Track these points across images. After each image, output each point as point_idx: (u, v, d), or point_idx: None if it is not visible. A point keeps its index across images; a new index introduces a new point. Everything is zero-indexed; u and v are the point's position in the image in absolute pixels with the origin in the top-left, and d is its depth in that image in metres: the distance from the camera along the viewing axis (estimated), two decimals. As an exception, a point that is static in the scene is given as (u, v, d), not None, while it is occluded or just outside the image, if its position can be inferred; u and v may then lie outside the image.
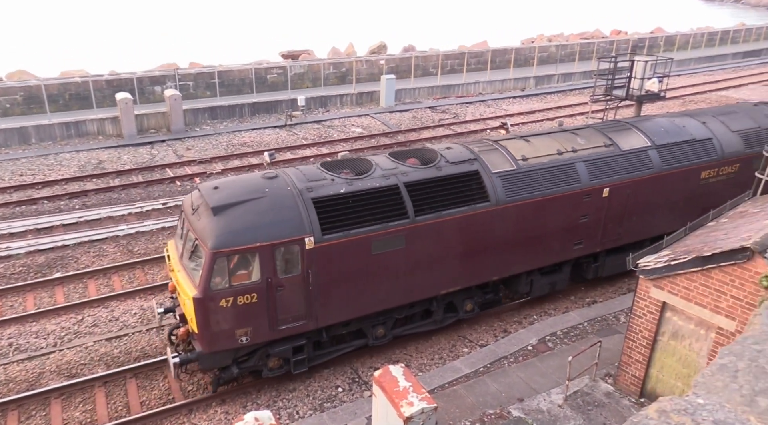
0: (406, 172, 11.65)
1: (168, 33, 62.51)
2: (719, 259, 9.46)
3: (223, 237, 9.88)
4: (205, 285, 9.87)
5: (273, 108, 29.37)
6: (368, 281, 11.27)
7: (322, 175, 11.15)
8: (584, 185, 13.36)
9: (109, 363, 12.39)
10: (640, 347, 11.00)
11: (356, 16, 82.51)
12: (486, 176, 12.29)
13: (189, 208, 10.91)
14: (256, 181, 10.86)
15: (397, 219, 11.15)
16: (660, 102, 22.73)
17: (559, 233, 13.43)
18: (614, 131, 14.90)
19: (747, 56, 47.69)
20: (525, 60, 38.52)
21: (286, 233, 10.19)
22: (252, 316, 10.33)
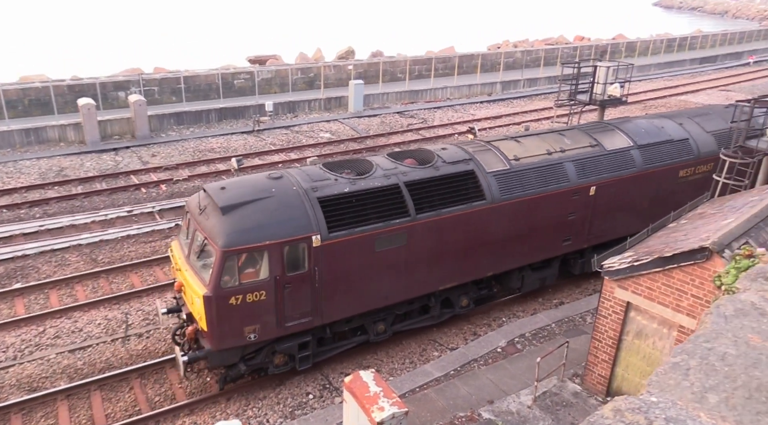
0: (405, 172, 12.03)
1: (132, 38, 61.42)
2: (680, 259, 9.73)
3: (233, 236, 10.08)
4: (215, 283, 10.02)
5: (240, 113, 29.10)
6: (371, 277, 11.59)
7: (326, 175, 11.45)
8: (572, 183, 13.91)
9: (72, 375, 12.06)
10: (606, 346, 11.23)
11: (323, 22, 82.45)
12: (481, 176, 12.74)
13: (195, 208, 11.04)
14: (262, 181, 11.09)
15: (398, 217, 11.52)
16: (622, 106, 23.30)
17: (549, 230, 13.94)
18: (598, 131, 15.46)
19: (704, 62, 49.25)
20: (491, 65, 39.04)
21: (293, 232, 10.45)
22: (260, 313, 10.52)
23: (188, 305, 11.08)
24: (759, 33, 59.03)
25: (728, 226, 9.94)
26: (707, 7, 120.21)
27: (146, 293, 14.85)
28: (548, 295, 15.52)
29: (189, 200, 11.65)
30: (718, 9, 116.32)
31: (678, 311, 9.99)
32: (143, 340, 13.20)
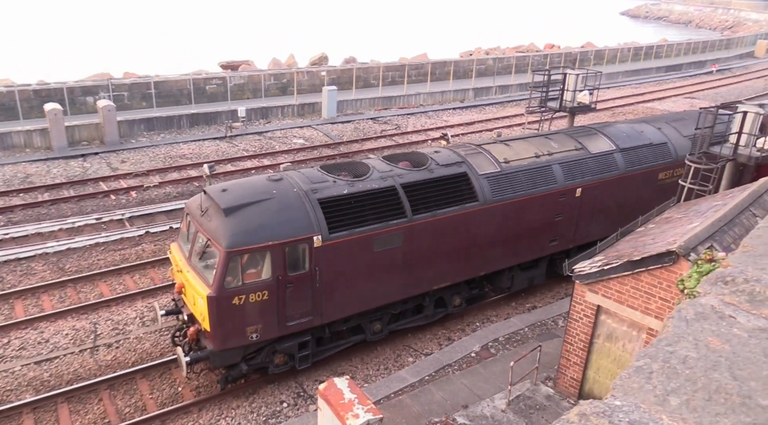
0: (401, 174, 12.35)
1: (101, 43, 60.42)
2: (648, 263, 9.95)
3: (236, 237, 10.23)
4: (219, 284, 10.15)
5: (212, 119, 28.82)
6: (369, 277, 11.86)
7: (324, 177, 11.70)
8: (560, 185, 14.39)
9: (38, 387, 11.75)
10: (578, 350, 11.40)
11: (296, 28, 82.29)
12: (474, 178, 13.12)
13: (197, 210, 11.15)
14: (262, 183, 11.29)
15: (396, 218, 11.82)
16: (591, 113, 23.75)
17: (538, 231, 14.40)
18: (583, 135, 16.01)
19: (669, 70, 50.53)
20: (464, 72, 39.42)
21: (295, 232, 10.66)
22: (262, 313, 10.67)
23: (189, 306, 11.18)
24: (721, 42, 60.86)
25: (694, 230, 10.20)
26: (672, 17, 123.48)
27: (115, 303, 14.56)
28: (521, 299, 15.69)
29: (189, 203, 11.77)
30: (682, 19, 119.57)
31: (647, 313, 10.20)
32: (113, 350, 12.94)
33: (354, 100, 33.11)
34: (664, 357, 1.60)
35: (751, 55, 61.31)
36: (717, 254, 6.94)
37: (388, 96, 34.42)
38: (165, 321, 12.26)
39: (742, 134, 15.42)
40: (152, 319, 13.79)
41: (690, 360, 1.60)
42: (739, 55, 59.83)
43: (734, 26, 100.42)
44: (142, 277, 15.81)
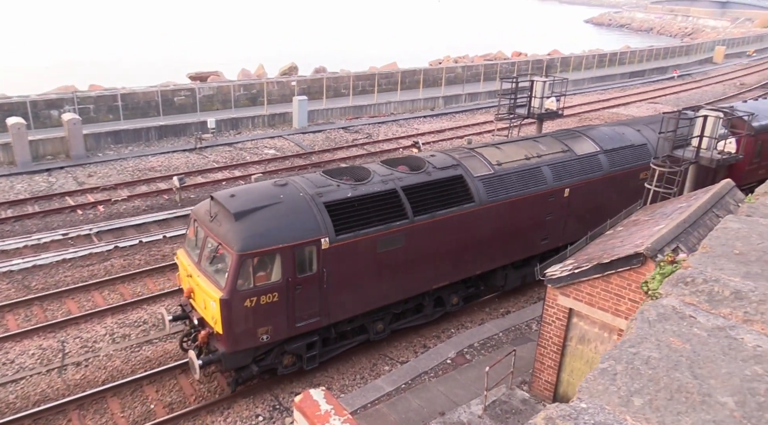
0: (401, 177, 12.79)
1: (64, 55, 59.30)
2: (617, 265, 10.15)
3: (248, 240, 10.49)
4: (231, 287, 10.37)
5: (182, 131, 28.47)
6: (373, 278, 12.21)
7: (328, 181, 12.06)
8: (549, 186, 14.98)
9: (3, 410, 11.38)
10: (551, 353, 11.53)
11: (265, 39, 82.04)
12: (469, 180, 13.61)
13: (205, 215, 11.39)
14: (269, 188, 11.61)
15: (398, 220, 12.22)
16: (559, 119, 24.17)
17: (530, 230, 14.94)
18: (568, 138, 16.65)
19: (633, 76, 51.77)
20: (433, 81, 39.75)
21: (304, 235, 10.97)
22: (273, 315, 10.92)
23: (200, 310, 11.34)
24: (681, 49, 62.64)
25: (660, 232, 10.44)
26: (634, 24, 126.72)
27: (84, 320, 14.23)
28: (495, 304, 15.82)
29: (196, 209, 12.03)
30: (644, 26, 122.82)
31: (617, 315, 10.39)
32: (81, 369, 12.62)
33: (325, 109, 33.10)
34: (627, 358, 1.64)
35: (709, 60, 63.21)
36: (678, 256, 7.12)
37: (359, 105, 34.50)
38: (173, 326, 12.45)
39: (704, 137, 15.90)
40: (159, 325, 13.70)
41: (652, 361, 1.65)
42: (699, 61, 61.65)
43: (693, 33, 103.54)
44: (111, 293, 15.49)
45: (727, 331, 1.84)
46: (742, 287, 2.10)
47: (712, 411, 1.49)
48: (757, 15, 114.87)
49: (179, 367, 12.62)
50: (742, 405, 1.53)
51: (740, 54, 69.61)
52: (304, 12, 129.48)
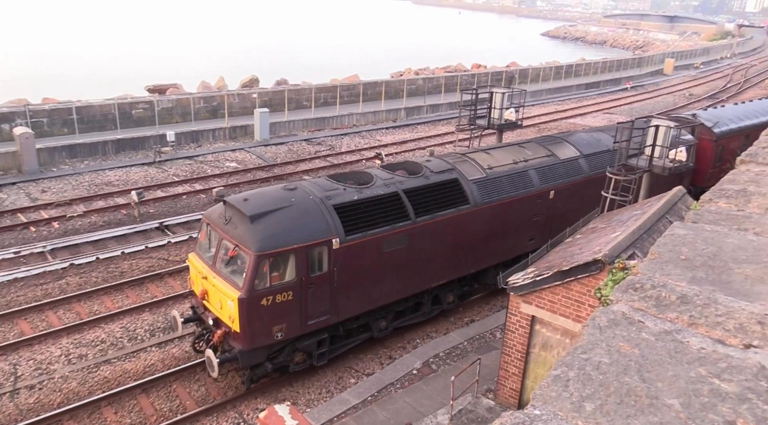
0: (401, 181, 13.45)
1: (16, 67, 57.54)
2: (576, 272, 10.37)
3: (265, 241, 10.92)
4: (249, 286, 10.77)
5: (140, 144, 27.91)
6: (379, 277, 12.80)
7: (334, 185, 12.61)
8: (536, 188, 15.87)
9: (-49, 438, 10.86)
10: (515, 360, 11.68)
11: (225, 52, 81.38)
12: (464, 183, 14.38)
13: (219, 219, 11.81)
14: (279, 192, 12.11)
15: (401, 221, 12.88)
16: (518, 130, 24.64)
17: (519, 230, 15.72)
18: (551, 143, 17.56)
19: (588, 88, 53.27)
20: (395, 92, 40.07)
21: (316, 236, 11.49)
22: (287, 313, 11.35)
23: (215, 310, 11.63)
24: (633, 61, 64.81)
25: (616, 239, 10.73)
26: (588, 37, 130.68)
27: (38, 341, 13.72)
28: (459, 314, 15.94)
29: (208, 213, 12.42)
30: (598, 39, 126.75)
31: (578, 321, 10.60)
32: (35, 392, 12.15)
33: (287, 121, 32.97)
34: (579, 364, 1.69)
35: (660, 72, 65.58)
36: (629, 263, 7.34)
37: (322, 117, 34.49)
38: (186, 328, 12.67)
39: (656, 146, 16.45)
40: (172, 327, 13.50)
41: (603, 366, 1.70)
42: (651, 73, 63.88)
43: (644, 46, 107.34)
44: (66, 312, 15.00)
45: (674, 335, 1.91)
46: (687, 291, 2.19)
47: (659, 413, 1.55)
48: (702, 29, 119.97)
49: (139, 387, 12.28)
50: (687, 406, 1.60)
51: (688, 66, 72.44)
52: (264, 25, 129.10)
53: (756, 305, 2.14)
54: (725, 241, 2.69)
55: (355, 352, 13.84)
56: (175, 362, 13.26)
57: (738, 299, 2.18)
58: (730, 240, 2.69)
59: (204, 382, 12.66)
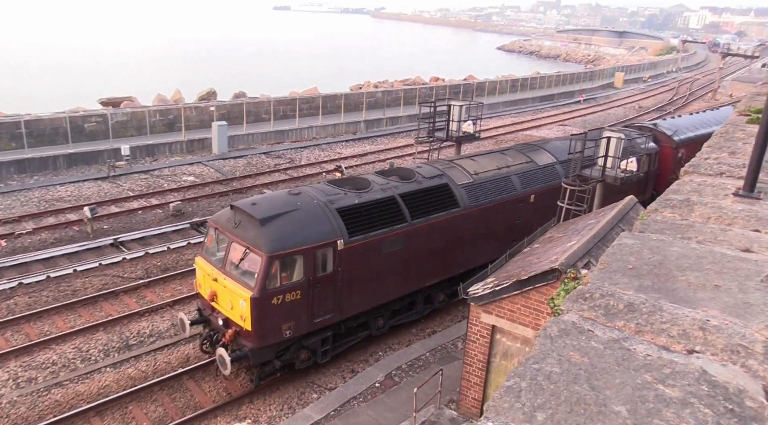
0: (397, 186, 14.17)
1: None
2: (534, 281, 10.56)
3: (275, 243, 11.42)
4: (261, 286, 11.24)
5: (93, 159, 27.15)
6: (379, 276, 13.44)
7: (335, 190, 13.26)
8: (518, 192, 16.72)
9: None
10: (477, 370, 11.77)
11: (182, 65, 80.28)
12: (454, 187, 15.18)
13: (228, 223, 12.28)
14: (285, 197, 12.67)
15: (398, 223, 13.58)
16: (476, 142, 25.02)
17: (504, 232, 16.39)
18: (529, 150, 18.53)
19: (543, 100, 54.63)
20: (354, 105, 40.21)
21: (322, 238, 12.06)
22: (295, 311, 11.86)
23: (225, 311, 12.02)
24: (585, 75, 66.90)
25: (572, 248, 10.98)
26: (542, 51, 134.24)
27: (-17, 365, 13.10)
28: (421, 325, 15.99)
29: (216, 218, 12.90)
30: (552, 53, 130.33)
31: (537, 329, 10.77)
32: (-19, 419, 11.58)
33: (245, 135, 32.66)
34: (531, 374, 1.73)
35: (611, 85, 67.81)
36: (580, 272, 7.54)
37: (281, 130, 34.30)
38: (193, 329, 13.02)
39: (608, 157, 16.97)
40: (179, 329, 13.85)
41: (554, 376, 1.74)
42: (602, 86, 65.99)
43: (596, 60, 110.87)
44: (15, 333, 14.38)
45: (621, 343, 1.98)
46: (634, 300, 2.27)
47: (607, 421, 1.60)
48: (649, 44, 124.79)
49: (92, 409, 11.85)
50: (634, 412, 1.65)
51: (637, 79, 75.18)
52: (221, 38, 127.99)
53: (698, 311, 2.24)
54: (670, 250, 2.80)
55: (316, 367, 13.71)
56: (130, 382, 12.87)
57: (682, 306, 2.27)
58: (674, 249, 2.80)
59: (161, 403, 12.32)
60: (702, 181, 4.14)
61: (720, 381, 1.85)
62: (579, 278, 5.68)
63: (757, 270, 2.67)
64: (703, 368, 1.88)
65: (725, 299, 2.40)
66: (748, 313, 2.32)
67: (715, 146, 5.50)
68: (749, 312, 2.32)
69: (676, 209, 3.51)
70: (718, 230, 3.18)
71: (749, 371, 1.92)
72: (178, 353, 14.02)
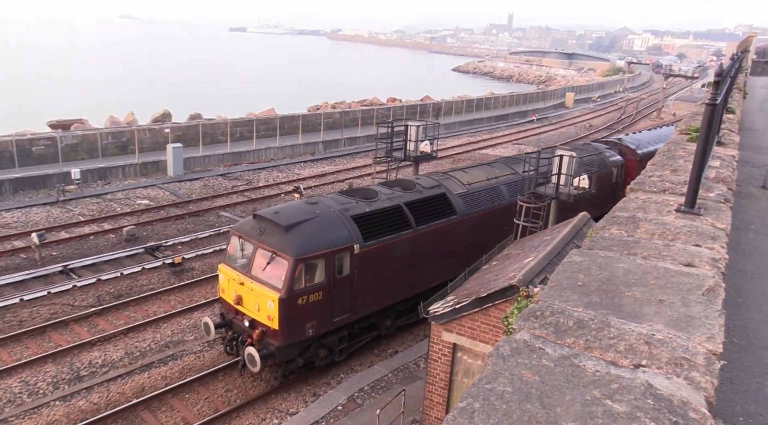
0: (401, 195, 15.49)
1: None
2: (493, 298, 10.69)
3: (300, 247, 12.43)
4: (288, 287, 12.18)
5: (41, 183, 26.25)
6: (388, 279, 14.52)
7: (347, 199, 14.45)
8: (506, 201, 17.86)
9: None
10: (439, 389, 11.78)
11: (136, 87, 78.93)
12: (451, 196, 16.53)
13: (253, 231, 13.25)
14: (303, 206, 13.84)
15: (405, 230, 14.82)
16: (434, 161, 25.33)
17: (494, 236, 17.13)
18: (513, 163, 19.93)
19: (498, 120, 55.87)
20: (312, 126, 40.22)
21: (341, 242, 13.15)
22: (317, 311, 12.86)
23: (251, 313, 12.93)
24: (538, 95, 68.84)
25: (529, 264, 11.18)
26: (496, 72, 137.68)
27: None
28: (383, 345, 15.92)
29: (239, 227, 13.88)
30: (505, 74, 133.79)
31: (496, 346, 10.88)
32: None
33: (202, 156, 32.21)
34: (484, 395, 1.75)
35: (562, 105, 69.94)
36: (532, 290, 7.69)
37: (238, 151, 33.99)
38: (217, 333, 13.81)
39: (561, 174, 17.44)
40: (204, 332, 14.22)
41: (506, 395, 1.77)
42: (554, 106, 67.99)
43: (547, 81, 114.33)
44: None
45: (571, 360, 2.03)
46: (584, 316, 2.33)
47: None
48: (597, 65, 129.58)
49: (40, 447, 11.29)
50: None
51: (587, 99, 77.80)
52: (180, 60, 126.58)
53: (644, 326, 2.32)
54: (617, 266, 2.90)
55: (277, 391, 13.47)
56: (81, 415, 12.33)
57: (628, 321, 2.34)
58: (621, 265, 2.90)
59: (115, 436, 11.84)
60: (647, 198, 4.30)
61: (665, 394, 1.91)
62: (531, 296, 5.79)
63: (698, 284, 2.79)
64: (648, 382, 1.94)
65: (669, 313, 2.49)
66: (690, 326, 2.41)
67: (659, 164, 5.73)
68: (692, 325, 2.41)
69: (622, 225, 3.64)
70: (662, 246, 3.31)
71: (692, 383, 2.00)
72: (132, 383, 13.56)
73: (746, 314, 3.91)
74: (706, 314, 2.47)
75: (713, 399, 1.92)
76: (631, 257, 3.08)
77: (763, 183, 7.94)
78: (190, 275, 19.24)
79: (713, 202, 4.40)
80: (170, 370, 14.16)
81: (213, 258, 20.39)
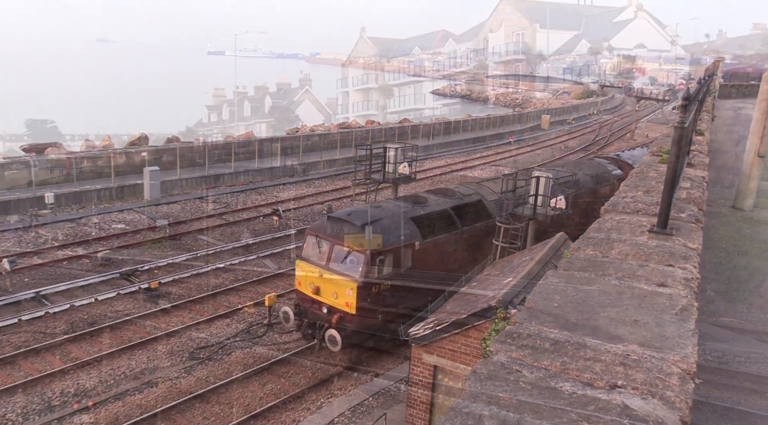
0: (446, 201, 17.69)
1: None
2: (473, 319, 10.70)
3: (374, 242, 14.24)
4: (365, 276, 14.03)
5: (13, 208, 25.73)
6: (439, 271, 15.87)
7: (405, 203, 16.62)
8: None
9: None
10: (420, 412, 11.68)
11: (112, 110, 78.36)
12: (486, 202, 18.81)
13: (329, 230, 15.20)
14: (372, 208, 15.89)
15: (453, 230, 16.88)
16: (413, 183, 25.47)
17: None
18: (526, 176, 21.44)
19: (476, 142, 56.49)
20: (292, 149, 40.23)
21: (406, 239, 15.12)
22: (386, 298, 14.51)
23: (329, 301, 14.73)
24: (515, 117, 69.89)
25: (509, 285, 11.24)
26: (473, 95, 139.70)
27: None
28: (363, 368, 15.76)
29: (315, 228, 15.95)
30: (482, 97, 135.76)
31: (477, 368, 10.86)
32: None
33: (179, 179, 31.94)
34: (461, 419, 1.75)
35: (539, 127, 71.03)
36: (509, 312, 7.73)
37: (216, 174, 33.80)
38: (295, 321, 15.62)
39: (538, 196, 17.64)
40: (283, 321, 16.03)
41: (484, 419, 1.77)
42: (530, 128, 69.00)
43: (523, 103, 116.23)
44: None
45: (548, 381, 2.04)
46: (560, 338, 2.35)
47: (535, 461, 1.63)
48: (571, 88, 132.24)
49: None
50: (560, 451, 1.69)
51: (562, 121, 79.14)
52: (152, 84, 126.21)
53: (619, 346, 2.34)
54: (592, 287, 2.94)
55: (256, 417, 13.20)
56: (52, 448, 11.94)
57: (604, 342, 2.37)
58: (596, 286, 2.94)
59: (87, 468, 11.47)
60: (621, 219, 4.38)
61: (641, 414, 1.93)
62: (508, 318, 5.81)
63: (671, 304, 2.83)
64: (624, 403, 1.96)
65: (643, 333, 2.52)
66: (665, 346, 2.44)
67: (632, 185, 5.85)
68: (666, 345, 2.45)
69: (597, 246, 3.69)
70: (636, 266, 3.37)
71: (667, 403, 2.02)
72: (105, 412, 13.19)
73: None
74: (680, 334, 2.51)
75: (688, 419, 1.94)
76: (606, 278, 3.12)
77: (732, 203, 8.14)
78: (166, 300, 18.92)
79: (685, 222, 4.49)
80: (145, 398, 13.83)
81: (191, 282, 20.09)
